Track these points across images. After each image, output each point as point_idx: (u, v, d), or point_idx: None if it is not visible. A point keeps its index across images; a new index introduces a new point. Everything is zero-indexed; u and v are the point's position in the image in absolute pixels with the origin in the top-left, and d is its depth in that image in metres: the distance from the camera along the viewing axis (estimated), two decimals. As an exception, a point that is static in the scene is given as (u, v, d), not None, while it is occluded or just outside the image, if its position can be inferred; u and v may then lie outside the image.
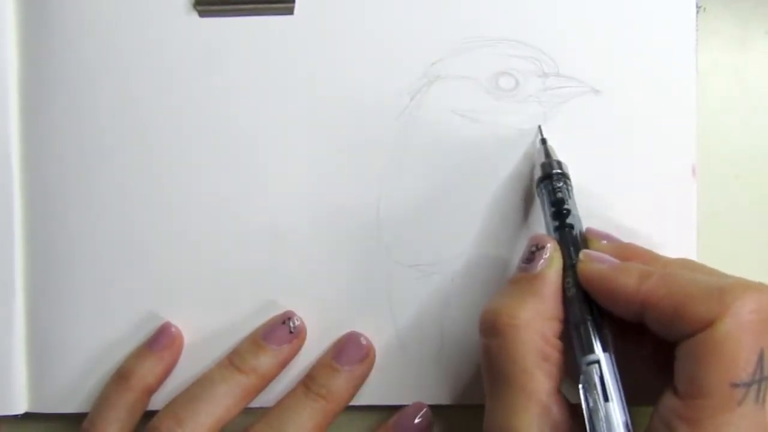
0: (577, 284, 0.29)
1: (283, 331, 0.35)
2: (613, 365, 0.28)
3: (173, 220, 0.37)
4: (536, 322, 0.28)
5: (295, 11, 0.36)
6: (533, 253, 0.30)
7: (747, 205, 0.37)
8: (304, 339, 0.36)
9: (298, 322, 0.35)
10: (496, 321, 0.29)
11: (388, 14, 0.36)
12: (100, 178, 0.37)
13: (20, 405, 0.37)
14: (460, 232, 0.36)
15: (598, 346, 0.28)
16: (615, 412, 0.27)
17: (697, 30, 0.36)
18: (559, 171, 0.33)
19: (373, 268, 0.36)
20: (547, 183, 0.33)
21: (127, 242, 0.37)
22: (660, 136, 0.36)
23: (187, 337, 0.37)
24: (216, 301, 0.36)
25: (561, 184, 0.33)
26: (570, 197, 0.32)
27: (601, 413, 0.27)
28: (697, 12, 0.36)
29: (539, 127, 0.36)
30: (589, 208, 0.35)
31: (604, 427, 0.26)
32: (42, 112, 0.37)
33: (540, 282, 0.29)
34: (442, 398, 0.36)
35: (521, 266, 0.31)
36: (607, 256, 0.30)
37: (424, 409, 0.36)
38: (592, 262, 0.30)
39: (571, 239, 0.31)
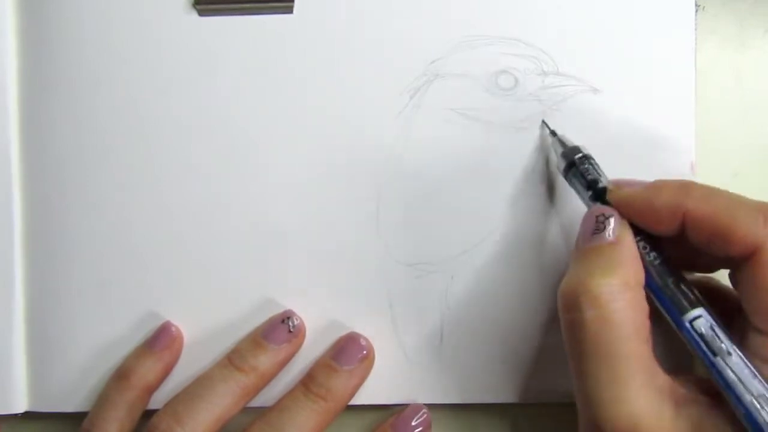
0: (656, 247, 0.29)
1: (282, 330, 0.35)
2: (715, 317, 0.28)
3: (173, 220, 0.37)
4: (628, 288, 0.28)
5: (295, 10, 0.36)
6: (602, 222, 0.30)
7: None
8: (303, 338, 0.36)
9: (298, 322, 0.35)
10: (586, 292, 0.28)
11: (388, 13, 0.36)
12: (99, 177, 0.37)
13: (20, 404, 0.37)
14: (460, 231, 0.36)
15: (694, 302, 0.28)
16: (742, 359, 0.27)
17: (696, 29, 0.36)
18: (581, 155, 0.33)
19: (373, 267, 0.36)
20: (574, 170, 0.33)
21: (127, 242, 0.37)
22: (659, 134, 0.36)
23: (187, 336, 0.37)
24: (216, 301, 0.37)
25: (587, 165, 0.32)
26: (601, 173, 0.32)
27: (734, 359, 0.27)
28: (696, 11, 0.36)
29: (543, 121, 0.36)
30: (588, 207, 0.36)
31: (747, 374, 0.26)
32: (41, 111, 0.37)
33: (620, 248, 0.29)
34: (442, 398, 0.36)
35: (592, 237, 0.30)
36: (637, 180, 0.31)
37: (423, 411, 0.36)
38: (623, 187, 0.31)
39: None
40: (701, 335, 0.27)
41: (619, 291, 0.28)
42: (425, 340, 0.36)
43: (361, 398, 0.36)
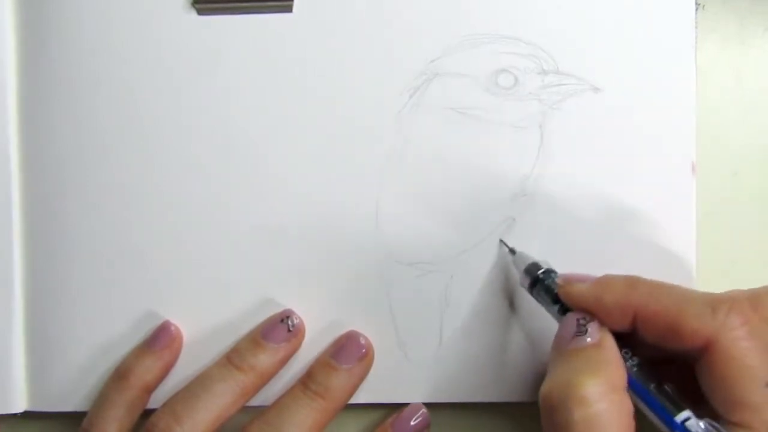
0: (635, 352, 0.29)
1: (282, 329, 0.35)
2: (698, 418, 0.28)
3: (172, 219, 0.37)
4: (614, 389, 0.28)
5: (294, 9, 0.36)
6: (583, 325, 0.30)
7: (746, 202, 0.37)
8: (302, 337, 0.36)
9: (297, 321, 0.35)
10: (573, 393, 0.27)
11: (387, 12, 0.36)
12: (98, 176, 0.37)
13: (20, 403, 0.37)
14: (459, 230, 0.36)
15: (679, 404, 0.28)
16: None
17: (696, 27, 0.36)
18: (543, 270, 0.33)
19: (372, 267, 0.36)
20: (539, 285, 0.33)
21: (126, 241, 0.37)
22: (659, 133, 0.36)
23: (187, 335, 0.37)
24: (215, 300, 0.36)
25: (550, 280, 0.32)
26: None
27: None
28: (696, 10, 0.36)
29: (501, 240, 0.36)
30: (588, 206, 0.36)
31: None
32: (41, 110, 0.37)
33: (604, 350, 0.29)
34: (441, 396, 0.36)
35: (574, 339, 0.29)
36: (586, 274, 0.31)
37: (422, 410, 0.36)
38: (573, 283, 0.31)
39: None
40: None
41: (606, 392, 0.27)
42: (425, 339, 0.36)
43: (360, 397, 0.36)
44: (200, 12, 0.36)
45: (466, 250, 0.36)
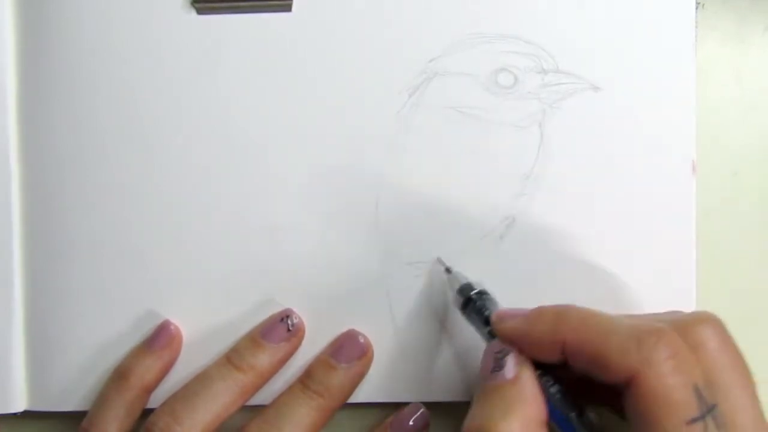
0: (558, 379, 0.29)
1: (281, 329, 0.35)
2: None
3: (172, 218, 0.37)
4: (528, 429, 0.28)
5: (293, 8, 0.36)
6: (500, 359, 0.29)
7: (746, 201, 0.37)
8: (302, 337, 0.36)
9: (297, 320, 0.35)
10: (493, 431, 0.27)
11: (387, 11, 0.36)
12: (97, 175, 0.37)
13: (19, 403, 0.37)
14: (459, 229, 0.36)
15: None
16: None
17: (696, 26, 0.36)
18: (476, 291, 0.33)
19: (372, 266, 0.36)
20: (471, 307, 0.33)
21: (126, 240, 0.37)
22: (659, 132, 0.36)
23: (186, 335, 0.36)
24: (215, 299, 0.36)
25: (482, 302, 0.32)
26: (497, 308, 0.32)
27: None
28: (696, 8, 0.36)
29: (438, 258, 0.36)
30: (588, 205, 0.36)
31: None
32: (40, 110, 0.37)
33: (519, 387, 0.28)
34: (441, 395, 0.36)
35: (492, 375, 0.29)
36: (518, 310, 0.30)
37: (421, 409, 0.36)
38: (505, 320, 0.30)
39: None
40: None
41: (527, 430, 0.27)
42: (424, 338, 0.36)
43: (359, 396, 0.36)
44: (199, 11, 0.36)
45: (466, 250, 0.36)
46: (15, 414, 0.37)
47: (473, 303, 0.33)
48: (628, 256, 0.36)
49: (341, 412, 0.35)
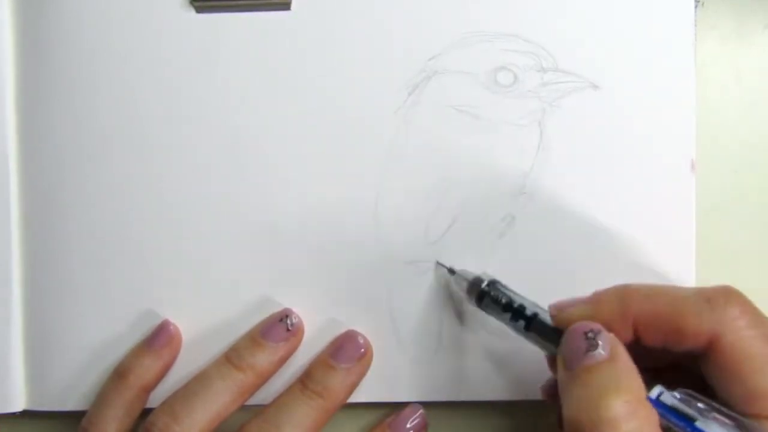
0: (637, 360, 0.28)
1: (280, 328, 0.35)
2: None
3: (171, 218, 0.36)
4: (640, 403, 0.26)
5: (292, 7, 0.36)
6: (592, 339, 0.28)
7: (745, 200, 0.37)
8: (301, 337, 0.36)
9: (296, 320, 0.35)
10: (601, 417, 0.26)
11: (386, 9, 0.36)
12: (97, 175, 0.37)
13: (18, 403, 0.37)
14: (459, 228, 0.36)
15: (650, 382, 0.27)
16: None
17: (695, 25, 0.36)
18: (486, 282, 0.33)
19: (371, 265, 0.36)
20: (486, 298, 0.33)
21: (125, 240, 0.37)
22: (659, 130, 0.36)
23: (186, 334, 0.36)
24: (214, 299, 0.36)
25: (495, 291, 0.32)
26: (511, 291, 0.32)
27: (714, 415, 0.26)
28: (696, 7, 0.36)
29: (438, 262, 0.36)
30: (588, 204, 0.36)
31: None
32: (40, 109, 0.37)
33: (620, 362, 0.27)
34: (440, 395, 0.36)
35: (586, 356, 0.27)
36: (573, 298, 0.30)
37: (420, 412, 0.36)
38: (565, 309, 0.30)
39: (548, 326, 0.31)
40: (672, 407, 0.27)
41: (633, 409, 0.26)
42: (424, 338, 0.36)
43: (359, 396, 0.36)
44: (198, 10, 0.36)
45: (466, 249, 0.36)
46: (14, 414, 0.37)
47: (488, 295, 0.33)
48: (627, 253, 0.36)
49: (341, 412, 0.35)
